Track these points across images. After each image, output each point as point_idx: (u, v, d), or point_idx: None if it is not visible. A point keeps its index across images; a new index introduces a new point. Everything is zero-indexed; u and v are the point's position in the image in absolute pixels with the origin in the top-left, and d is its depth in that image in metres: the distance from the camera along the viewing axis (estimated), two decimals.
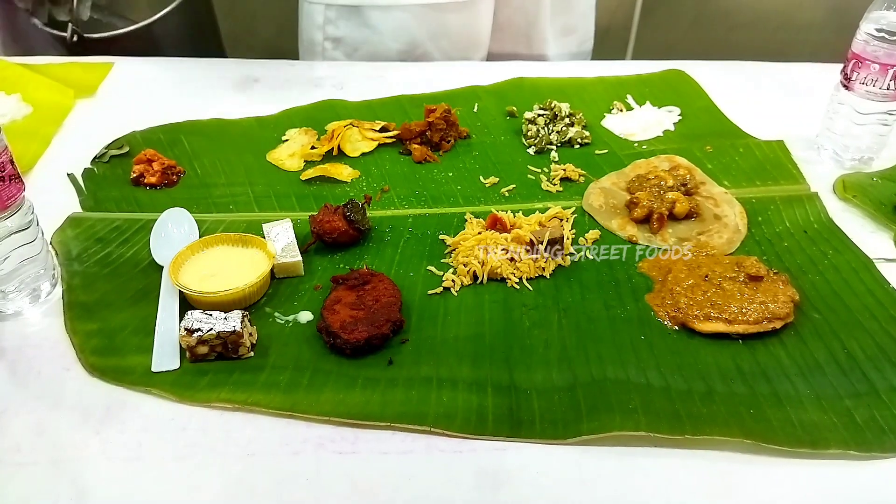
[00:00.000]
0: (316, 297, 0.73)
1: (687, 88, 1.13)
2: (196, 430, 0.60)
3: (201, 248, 0.76)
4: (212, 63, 1.21)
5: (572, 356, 0.66)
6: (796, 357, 0.66)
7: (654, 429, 0.58)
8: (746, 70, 1.19)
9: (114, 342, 0.68)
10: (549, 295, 0.73)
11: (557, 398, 0.62)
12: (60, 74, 1.14)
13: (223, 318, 0.65)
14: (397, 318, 0.68)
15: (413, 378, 0.64)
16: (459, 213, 0.86)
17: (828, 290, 0.74)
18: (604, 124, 1.04)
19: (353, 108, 1.07)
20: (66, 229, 0.82)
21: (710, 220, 0.83)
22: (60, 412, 0.62)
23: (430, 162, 0.96)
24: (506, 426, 0.60)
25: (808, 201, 0.87)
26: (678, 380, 0.64)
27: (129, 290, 0.74)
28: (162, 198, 0.88)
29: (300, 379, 0.64)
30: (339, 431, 0.60)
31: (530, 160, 0.96)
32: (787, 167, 0.93)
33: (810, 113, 1.01)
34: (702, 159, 0.95)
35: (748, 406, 0.61)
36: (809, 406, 0.61)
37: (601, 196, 0.87)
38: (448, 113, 0.99)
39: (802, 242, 0.81)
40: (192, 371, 0.65)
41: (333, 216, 0.79)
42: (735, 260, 0.74)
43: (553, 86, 1.13)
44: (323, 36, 1.24)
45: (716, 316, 0.68)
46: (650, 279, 0.75)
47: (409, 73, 1.18)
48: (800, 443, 0.58)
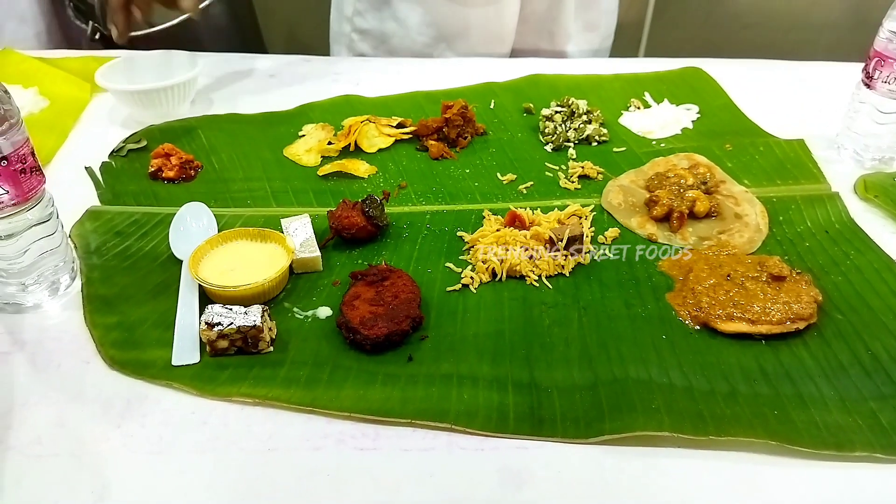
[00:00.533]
0: (335, 293, 0.73)
1: (705, 86, 1.12)
2: (217, 424, 0.60)
3: (220, 242, 0.76)
4: (229, 58, 1.21)
5: (593, 354, 0.66)
6: (820, 358, 0.66)
7: (678, 429, 0.58)
8: (765, 68, 1.19)
9: (134, 335, 0.68)
10: (568, 293, 0.73)
11: (579, 397, 0.62)
12: (77, 68, 1.14)
13: (243, 313, 0.65)
14: (417, 315, 0.68)
15: (433, 375, 0.64)
16: (477, 210, 0.85)
17: (850, 290, 0.73)
18: (621, 122, 1.04)
19: (369, 103, 1.07)
20: (84, 222, 0.82)
21: (731, 219, 0.82)
22: (81, 405, 0.62)
23: (447, 158, 0.96)
24: (527, 424, 0.59)
25: (830, 201, 0.86)
26: (701, 380, 0.63)
27: (149, 284, 0.74)
28: (180, 192, 0.88)
29: (320, 374, 0.64)
30: (360, 427, 0.60)
31: (548, 157, 0.96)
32: (808, 166, 0.93)
33: (830, 112, 1.00)
34: (721, 158, 0.94)
35: (772, 407, 0.60)
36: (834, 408, 0.61)
37: (620, 194, 0.87)
38: (465, 109, 0.99)
39: (824, 242, 0.80)
40: (212, 365, 0.65)
41: (352, 212, 0.78)
42: (757, 259, 0.74)
43: (570, 83, 1.12)
44: (351, 28, 1.24)
45: (738, 316, 0.67)
46: (670, 278, 0.75)
47: (426, 69, 1.18)
48: (825, 445, 0.57)
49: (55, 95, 1.08)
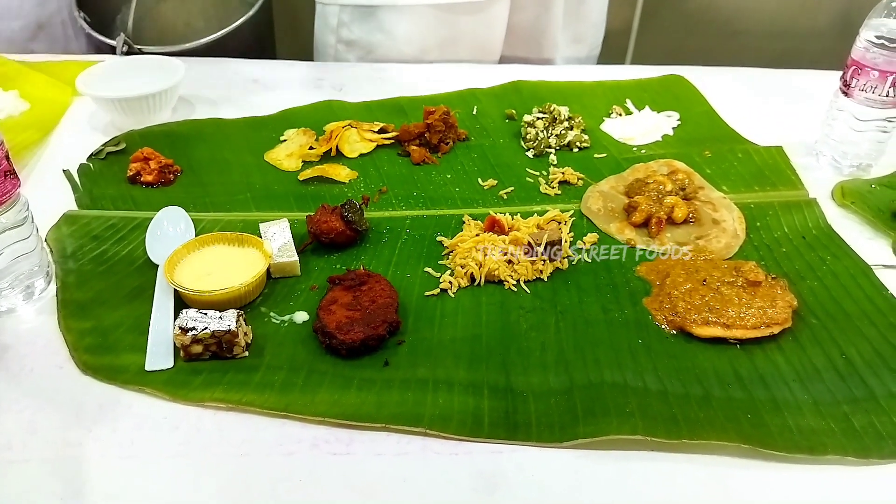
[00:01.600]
0: (312, 298, 0.73)
1: (686, 93, 1.13)
2: (189, 429, 0.60)
3: (197, 246, 0.75)
4: (211, 63, 1.21)
5: (569, 359, 0.66)
6: (794, 363, 0.66)
7: (651, 433, 0.58)
8: (745, 76, 1.20)
9: (108, 340, 0.67)
10: (546, 298, 0.73)
11: (554, 401, 0.62)
12: (58, 72, 1.14)
13: (218, 318, 0.65)
14: (394, 320, 0.68)
15: (409, 379, 0.64)
16: (457, 215, 0.85)
17: (826, 295, 0.74)
18: (603, 128, 1.04)
19: (351, 109, 1.07)
20: (61, 226, 0.82)
21: (709, 225, 0.83)
22: (53, 410, 0.61)
23: (429, 163, 0.96)
24: (502, 429, 0.59)
25: (807, 207, 0.87)
26: (675, 384, 0.63)
27: (124, 289, 0.73)
28: (158, 196, 0.88)
29: (295, 379, 0.64)
30: (334, 432, 0.60)
31: (529, 163, 0.96)
32: (786, 173, 0.93)
33: (809, 119, 1.01)
34: (700, 164, 0.94)
35: (746, 411, 0.61)
36: (807, 412, 0.61)
37: (600, 200, 0.87)
38: (447, 115, 0.99)
39: (801, 248, 0.80)
40: (186, 370, 0.64)
41: (331, 216, 0.78)
42: (733, 265, 0.74)
43: (552, 89, 1.13)
44: (336, 39, 1.24)
45: (714, 320, 0.68)
46: (648, 283, 0.75)
47: (409, 75, 1.18)
48: (797, 448, 0.58)
49: (36, 99, 1.07)
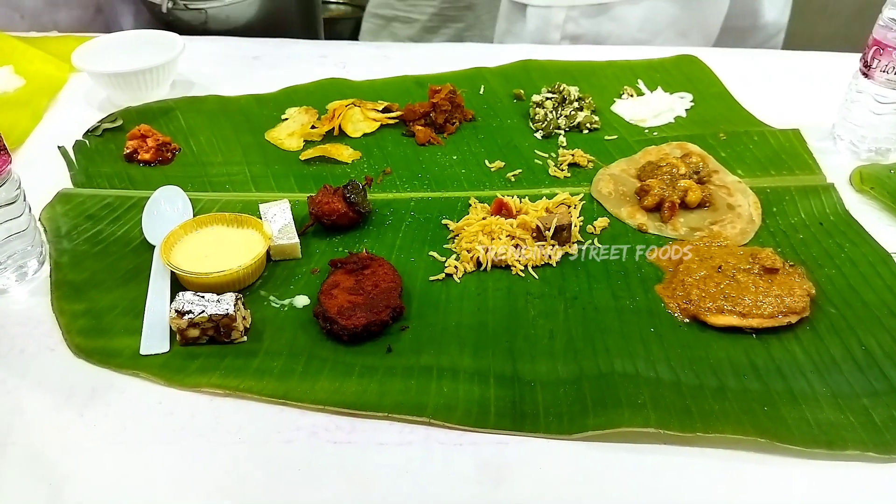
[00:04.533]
0: (313, 281, 0.70)
1: (699, 74, 1.09)
2: (184, 415, 0.58)
3: (195, 227, 0.73)
4: (211, 40, 1.18)
5: (578, 348, 0.64)
6: (812, 353, 0.64)
7: (664, 425, 0.56)
8: (760, 56, 1.16)
9: (102, 323, 0.65)
10: (554, 284, 0.71)
11: (563, 391, 0.60)
12: (56, 48, 1.11)
13: (216, 301, 0.62)
14: (397, 305, 0.65)
15: (412, 367, 0.61)
16: (463, 198, 0.83)
17: (844, 284, 0.71)
18: (614, 109, 1.01)
19: (356, 87, 1.04)
20: (55, 205, 0.79)
21: (724, 210, 0.80)
22: (42, 393, 0.59)
23: (434, 144, 0.93)
24: (508, 419, 0.57)
25: (824, 192, 0.84)
26: (689, 374, 0.61)
27: (120, 270, 0.71)
28: (156, 175, 0.85)
29: (294, 365, 0.61)
30: (335, 420, 0.58)
31: (537, 144, 0.93)
32: (803, 157, 0.90)
33: (827, 102, 0.97)
34: (715, 147, 0.91)
35: (762, 403, 0.58)
36: (825, 404, 0.59)
37: (610, 183, 0.84)
38: (453, 94, 0.96)
39: (818, 234, 0.78)
40: (182, 354, 0.62)
41: (333, 197, 0.76)
42: (749, 251, 0.71)
43: (562, 69, 1.10)
44: (561, 35, 1.22)
45: (729, 309, 0.65)
46: (660, 269, 0.73)
47: (414, 54, 1.15)
48: (816, 442, 0.56)
49: (31, 74, 1.05)
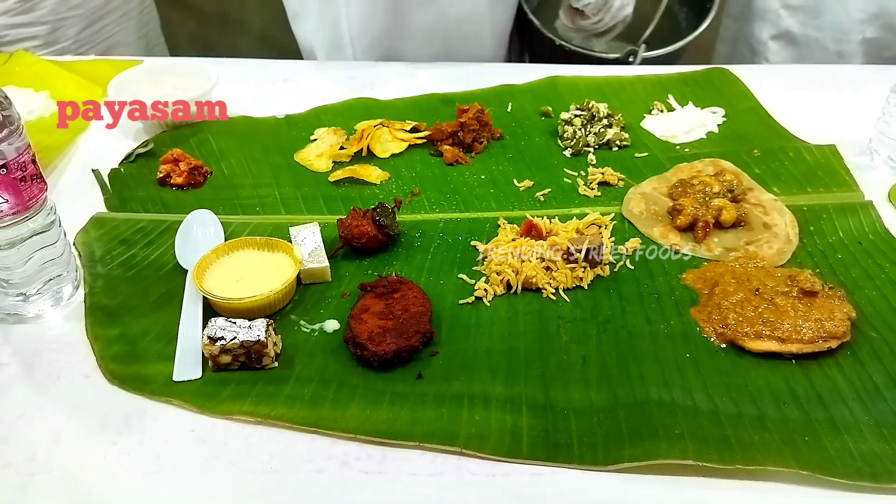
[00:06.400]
0: (343, 305, 0.70)
1: (731, 88, 1.08)
2: (217, 443, 0.58)
3: (226, 252, 0.73)
4: (240, 63, 1.19)
5: (612, 374, 0.63)
6: (853, 380, 0.62)
7: (703, 457, 0.54)
8: (794, 70, 1.14)
9: (135, 349, 0.66)
10: (587, 307, 0.70)
11: (597, 420, 0.58)
12: (90, 72, 1.13)
13: (247, 327, 0.63)
14: (427, 330, 0.65)
15: (443, 394, 0.61)
16: (492, 218, 0.82)
17: (886, 306, 0.69)
18: (643, 126, 1.00)
19: (383, 106, 1.05)
20: (89, 230, 0.81)
21: (759, 229, 0.78)
22: (78, 420, 0.60)
23: (462, 164, 0.93)
24: (541, 449, 0.56)
25: (863, 210, 0.82)
26: (727, 403, 0.59)
27: (153, 295, 0.72)
28: (188, 198, 0.86)
29: (325, 392, 0.61)
30: (366, 449, 0.57)
31: (566, 163, 0.93)
32: (840, 173, 0.88)
33: (864, 116, 0.95)
34: (749, 164, 0.90)
35: (803, 433, 0.57)
36: (869, 434, 0.57)
37: (642, 202, 0.83)
38: (481, 113, 0.96)
39: (857, 254, 0.76)
40: (214, 381, 0.63)
41: (362, 220, 0.76)
42: (787, 273, 0.70)
43: (590, 85, 1.09)
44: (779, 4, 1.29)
45: (768, 334, 0.64)
46: (695, 292, 0.71)
47: (441, 73, 1.15)
48: (860, 475, 0.54)
49: (66, 99, 1.06)
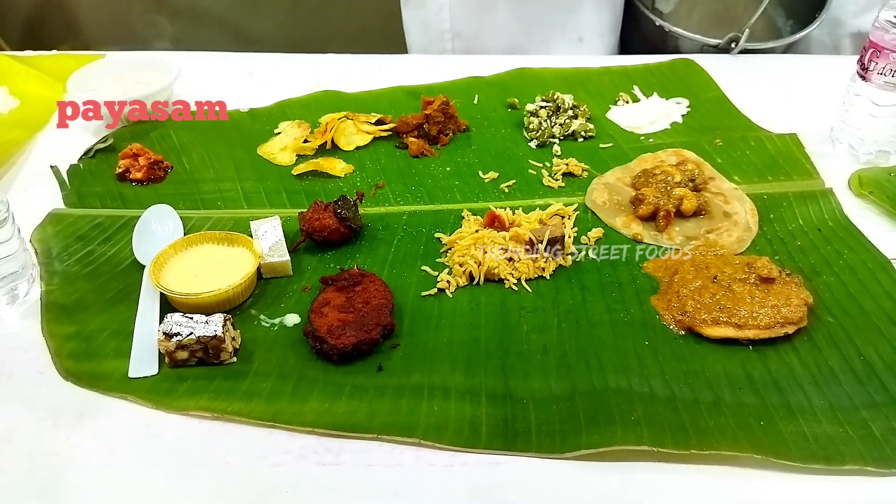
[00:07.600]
0: (304, 299, 0.70)
1: (696, 79, 1.08)
2: (172, 438, 0.57)
3: (185, 246, 0.72)
4: (204, 56, 1.18)
5: (572, 363, 0.63)
6: (810, 365, 0.63)
7: (658, 443, 0.55)
8: (757, 60, 1.15)
9: (91, 346, 0.65)
10: (548, 297, 0.70)
11: (556, 408, 0.59)
12: (50, 67, 1.11)
13: (204, 322, 0.62)
14: (388, 322, 0.65)
15: (403, 386, 0.61)
16: (457, 210, 0.82)
17: (843, 292, 0.70)
18: (609, 117, 1.00)
19: (348, 99, 1.04)
20: (46, 226, 0.79)
21: (720, 218, 0.79)
22: (31, 417, 0.59)
23: (428, 156, 0.93)
24: (500, 439, 0.56)
25: (823, 198, 0.83)
26: (684, 389, 0.60)
27: (109, 291, 0.71)
28: (148, 194, 0.85)
29: (284, 387, 0.61)
30: (323, 442, 0.57)
31: (532, 154, 0.93)
32: (801, 161, 0.89)
33: (825, 105, 0.96)
34: (711, 153, 0.90)
35: (758, 418, 0.57)
36: (823, 418, 0.58)
37: (605, 192, 0.84)
38: (446, 105, 0.95)
39: (816, 241, 0.77)
40: (171, 377, 0.62)
41: (323, 213, 0.75)
42: (746, 260, 0.70)
43: (556, 76, 1.09)
44: None
45: (725, 320, 0.64)
46: (655, 280, 0.72)
47: (407, 66, 1.14)
48: (813, 458, 0.54)
49: (26, 95, 1.05)
